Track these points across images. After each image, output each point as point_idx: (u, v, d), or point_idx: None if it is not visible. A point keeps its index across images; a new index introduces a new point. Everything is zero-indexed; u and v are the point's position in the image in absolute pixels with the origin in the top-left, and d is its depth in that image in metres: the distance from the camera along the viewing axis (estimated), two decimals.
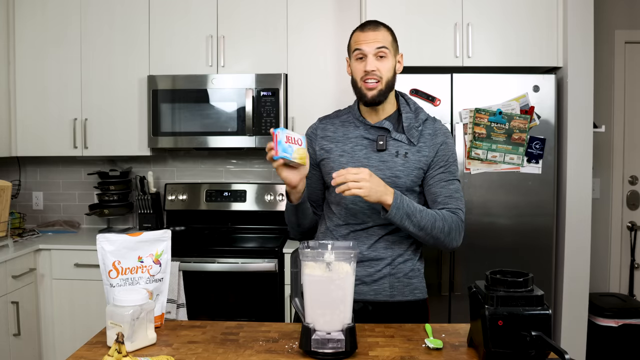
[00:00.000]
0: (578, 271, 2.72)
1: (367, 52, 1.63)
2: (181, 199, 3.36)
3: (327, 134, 1.76)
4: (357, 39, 1.66)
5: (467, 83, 2.69)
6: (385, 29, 1.67)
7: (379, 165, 1.66)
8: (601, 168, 3.43)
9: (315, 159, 1.76)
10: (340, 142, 1.72)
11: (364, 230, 1.68)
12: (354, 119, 1.74)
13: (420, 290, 1.72)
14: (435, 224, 1.59)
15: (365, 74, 1.63)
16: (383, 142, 1.66)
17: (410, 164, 1.65)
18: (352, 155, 1.69)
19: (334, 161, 1.70)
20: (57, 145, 3.22)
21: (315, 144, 1.76)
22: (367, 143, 1.69)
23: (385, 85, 1.64)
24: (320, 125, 1.79)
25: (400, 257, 1.69)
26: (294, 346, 1.39)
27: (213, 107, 3.06)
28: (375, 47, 1.62)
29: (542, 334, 1.18)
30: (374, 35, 1.63)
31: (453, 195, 1.66)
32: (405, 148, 1.66)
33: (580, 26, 2.70)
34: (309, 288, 1.32)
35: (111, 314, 1.37)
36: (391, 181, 1.63)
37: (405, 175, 1.65)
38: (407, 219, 1.56)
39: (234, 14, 3.11)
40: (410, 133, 1.67)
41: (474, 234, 2.69)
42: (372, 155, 1.67)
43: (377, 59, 1.63)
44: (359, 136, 1.70)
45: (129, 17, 3.15)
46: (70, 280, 2.93)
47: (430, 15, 2.78)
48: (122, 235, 1.53)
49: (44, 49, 3.21)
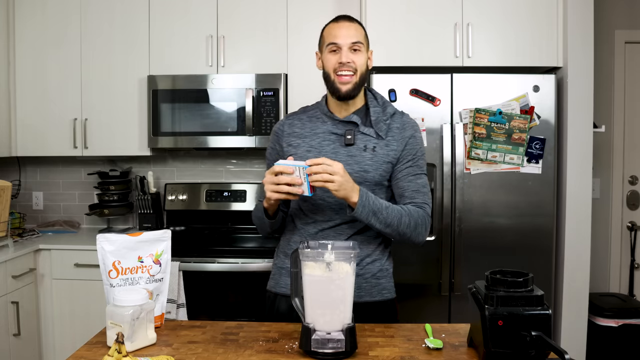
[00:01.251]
0: (578, 271, 2.72)
1: (342, 45, 1.63)
2: (181, 199, 3.36)
3: (294, 130, 1.74)
4: (331, 32, 1.65)
5: (467, 83, 2.69)
6: (359, 25, 1.69)
7: (347, 159, 1.64)
8: (601, 168, 3.43)
9: (283, 156, 1.73)
10: (307, 137, 1.71)
11: (331, 228, 1.67)
12: (321, 114, 1.72)
13: (388, 290, 1.71)
14: (402, 219, 1.58)
15: (340, 65, 1.62)
16: (351, 136, 1.65)
17: (379, 158, 1.65)
18: (320, 150, 1.67)
19: (301, 157, 1.67)
20: (57, 145, 3.22)
21: (282, 140, 1.75)
22: (335, 138, 1.68)
23: (359, 78, 1.64)
24: (287, 122, 1.77)
25: (369, 257, 1.68)
26: (294, 346, 1.39)
27: (213, 107, 3.06)
28: (350, 41, 1.63)
29: (542, 334, 1.18)
30: (348, 29, 1.64)
31: (420, 190, 1.65)
32: (373, 142, 1.66)
33: (580, 26, 2.70)
34: (309, 288, 1.32)
35: (111, 314, 1.37)
36: (359, 175, 1.63)
37: (374, 170, 1.64)
38: (373, 216, 1.55)
39: (234, 14, 3.11)
40: (378, 127, 1.66)
41: (474, 234, 2.69)
42: (340, 150, 1.66)
43: (351, 52, 1.63)
44: (327, 131, 1.69)
45: (129, 17, 3.15)
46: (70, 280, 2.93)
47: (430, 15, 2.78)
48: (122, 235, 1.53)
49: (44, 49, 3.21)
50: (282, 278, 1.75)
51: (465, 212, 2.69)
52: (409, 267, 2.70)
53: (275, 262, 1.82)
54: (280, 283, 1.75)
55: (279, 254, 1.80)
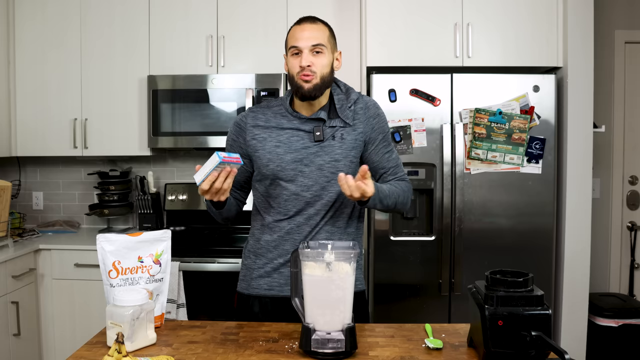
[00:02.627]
0: (578, 271, 2.72)
1: (303, 48, 1.62)
2: (181, 199, 3.36)
3: (258, 122, 1.71)
4: (294, 35, 1.65)
5: (467, 83, 2.69)
6: (323, 25, 1.67)
7: (318, 151, 1.65)
8: (601, 168, 3.43)
9: (246, 150, 1.71)
10: (274, 131, 1.69)
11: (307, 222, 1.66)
12: (286, 112, 1.70)
13: (360, 281, 1.73)
14: (398, 199, 1.67)
15: (301, 69, 1.61)
16: (320, 132, 1.66)
17: (347, 144, 1.66)
18: (289, 145, 1.66)
19: (270, 152, 1.66)
20: (57, 145, 3.22)
21: (245, 133, 1.72)
22: (303, 134, 1.67)
23: (320, 80, 1.63)
24: (250, 114, 1.74)
25: None
26: (294, 346, 1.39)
27: (213, 107, 3.06)
28: (310, 44, 1.61)
29: (542, 334, 1.18)
30: (310, 32, 1.63)
31: (398, 164, 1.75)
32: (340, 131, 1.67)
33: (580, 26, 2.70)
34: (309, 288, 1.32)
35: (111, 314, 1.37)
36: (331, 166, 1.65)
37: (344, 157, 1.66)
38: (379, 203, 1.61)
39: (234, 14, 3.11)
40: (344, 114, 1.67)
41: (474, 234, 2.69)
42: (310, 145, 1.66)
43: (312, 54, 1.62)
44: (294, 128, 1.68)
45: (129, 17, 3.15)
46: (70, 280, 2.93)
47: (430, 15, 2.78)
48: (122, 235, 1.53)
49: (44, 49, 3.21)
50: (253, 279, 1.73)
51: (465, 212, 2.69)
52: (409, 267, 2.70)
53: (244, 263, 1.79)
54: (252, 284, 1.73)
55: (248, 255, 1.77)
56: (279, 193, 1.67)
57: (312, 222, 1.67)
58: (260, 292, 1.71)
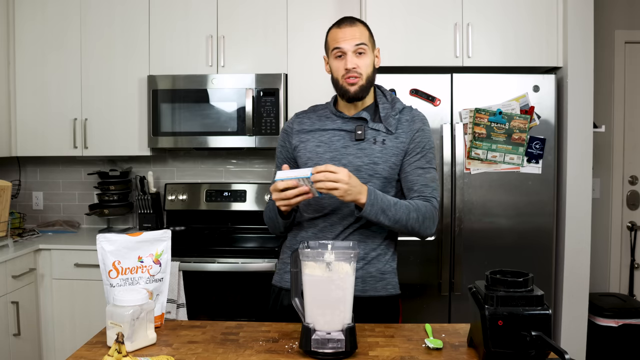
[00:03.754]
0: (578, 271, 2.72)
1: (347, 50, 1.62)
2: (181, 199, 3.36)
3: (303, 127, 1.75)
4: (335, 37, 1.65)
5: (467, 83, 2.69)
6: (362, 25, 1.67)
7: (357, 152, 1.65)
8: (601, 168, 3.43)
9: (292, 153, 1.75)
10: (317, 133, 1.71)
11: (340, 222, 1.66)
12: (330, 113, 1.74)
13: (393, 286, 1.71)
14: (410, 215, 1.58)
15: (346, 71, 1.63)
16: (361, 131, 1.66)
17: (388, 150, 1.65)
18: (329, 145, 1.68)
19: (311, 151, 1.69)
20: (57, 145, 3.22)
21: (292, 138, 1.76)
22: (345, 134, 1.68)
23: (365, 81, 1.64)
24: (296, 120, 1.79)
25: (374, 251, 1.68)
26: (294, 346, 1.39)
27: (213, 107, 3.06)
28: (354, 44, 1.62)
29: (542, 334, 1.18)
30: (352, 32, 1.63)
31: (429, 184, 1.65)
32: (382, 136, 1.66)
33: (580, 26, 2.70)
34: (309, 288, 1.32)
35: (111, 314, 1.37)
36: (370, 168, 1.64)
37: (384, 162, 1.64)
38: (382, 214, 1.55)
39: (234, 14, 3.11)
40: (387, 122, 1.67)
41: (474, 234, 2.69)
42: (350, 145, 1.67)
43: (356, 55, 1.63)
44: (336, 128, 1.70)
45: (129, 17, 3.15)
46: (70, 280, 2.93)
47: (430, 15, 2.78)
48: (122, 235, 1.53)
49: (44, 49, 3.21)
50: (287, 273, 1.75)
51: (465, 212, 2.69)
52: (409, 267, 2.70)
53: (281, 258, 1.82)
54: (285, 278, 1.75)
55: (285, 250, 1.81)
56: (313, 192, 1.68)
57: (346, 222, 1.66)
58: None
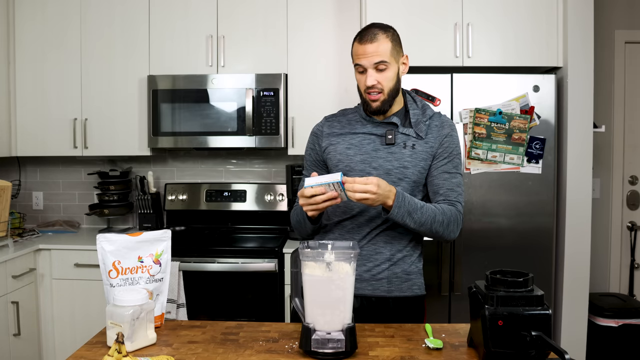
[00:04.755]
0: (578, 271, 2.72)
1: (367, 67, 1.63)
2: (181, 199, 3.36)
3: (333, 130, 1.76)
4: (357, 52, 1.65)
5: (467, 83, 2.69)
6: (385, 37, 1.63)
7: (387, 156, 1.67)
8: (601, 168, 3.43)
9: (322, 155, 1.76)
10: (347, 136, 1.73)
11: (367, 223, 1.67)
12: (360, 117, 1.74)
13: (418, 286, 1.72)
14: (435, 218, 1.59)
15: (367, 88, 1.64)
16: (392, 136, 1.68)
17: (418, 155, 1.66)
18: (360, 148, 1.69)
19: (341, 153, 1.70)
20: (57, 145, 3.22)
21: (322, 140, 1.76)
22: (375, 138, 1.70)
23: (388, 95, 1.65)
24: (326, 123, 1.79)
25: (400, 252, 1.69)
26: (294, 346, 1.39)
27: (213, 107, 3.06)
28: (373, 63, 1.61)
29: (542, 334, 1.18)
30: (372, 48, 1.61)
31: (454, 189, 1.67)
32: (412, 140, 1.68)
33: (580, 26, 2.70)
34: (309, 288, 1.32)
35: (111, 314, 1.37)
36: (399, 172, 1.65)
37: (413, 166, 1.66)
38: (408, 217, 1.56)
39: (234, 14, 3.11)
40: (418, 127, 1.68)
41: (474, 234, 2.69)
42: (380, 148, 1.68)
43: (377, 71, 1.63)
44: (367, 132, 1.71)
45: (129, 17, 3.15)
46: (70, 280, 2.93)
47: (430, 15, 2.78)
48: (122, 235, 1.53)
49: (44, 49, 3.20)
50: None
51: (465, 212, 2.69)
52: None
53: None
54: None
55: None
56: None
57: (373, 223, 1.67)
58: None
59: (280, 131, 3.00)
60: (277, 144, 3.01)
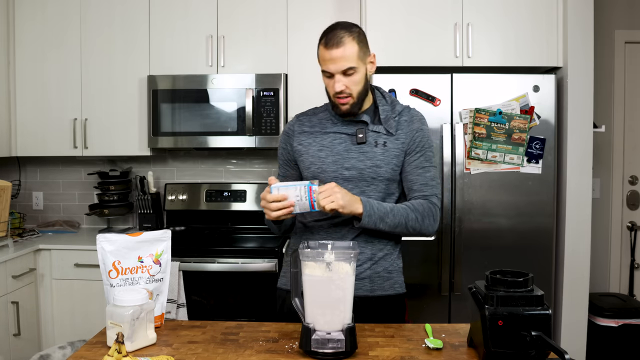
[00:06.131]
0: (578, 271, 2.72)
1: (334, 72, 1.61)
2: (181, 199, 3.36)
3: (304, 129, 1.75)
4: (323, 58, 1.62)
5: (467, 83, 2.69)
6: (351, 40, 1.59)
7: (359, 156, 1.66)
8: (601, 168, 3.43)
9: (293, 155, 1.75)
10: (318, 136, 1.72)
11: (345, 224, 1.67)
12: (330, 116, 1.74)
13: (399, 284, 1.74)
14: (408, 217, 1.60)
15: (335, 93, 1.63)
16: (362, 134, 1.67)
17: (390, 152, 1.66)
18: (332, 149, 1.69)
19: (313, 155, 1.69)
20: (57, 145, 3.22)
21: (293, 140, 1.75)
22: (346, 137, 1.69)
23: (357, 98, 1.64)
24: (297, 122, 1.78)
25: (381, 251, 1.69)
26: (294, 346, 1.39)
27: (213, 107, 3.06)
28: (341, 69, 1.60)
29: (542, 334, 1.18)
30: (339, 54, 1.58)
31: (429, 183, 1.66)
32: (383, 138, 1.67)
33: (580, 26, 2.70)
34: (309, 288, 1.32)
35: (111, 314, 1.37)
36: (372, 171, 1.65)
37: (386, 164, 1.66)
38: (380, 222, 1.57)
39: (234, 14, 3.11)
40: (388, 124, 1.68)
41: (474, 234, 2.69)
42: (351, 148, 1.67)
43: (344, 76, 1.61)
44: (337, 131, 1.70)
45: (129, 17, 3.15)
46: (70, 280, 2.93)
47: (430, 15, 2.78)
48: (122, 235, 1.53)
49: (44, 49, 3.20)
50: None
51: (465, 212, 2.69)
52: (409, 267, 2.67)
53: (285, 260, 1.84)
54: None
55: (289, 252, 1.82)
56: None
57: (351, 223, 1.67)
58: None
59: (280, 131, 3.00)
60: (277, 144, 3.01)
